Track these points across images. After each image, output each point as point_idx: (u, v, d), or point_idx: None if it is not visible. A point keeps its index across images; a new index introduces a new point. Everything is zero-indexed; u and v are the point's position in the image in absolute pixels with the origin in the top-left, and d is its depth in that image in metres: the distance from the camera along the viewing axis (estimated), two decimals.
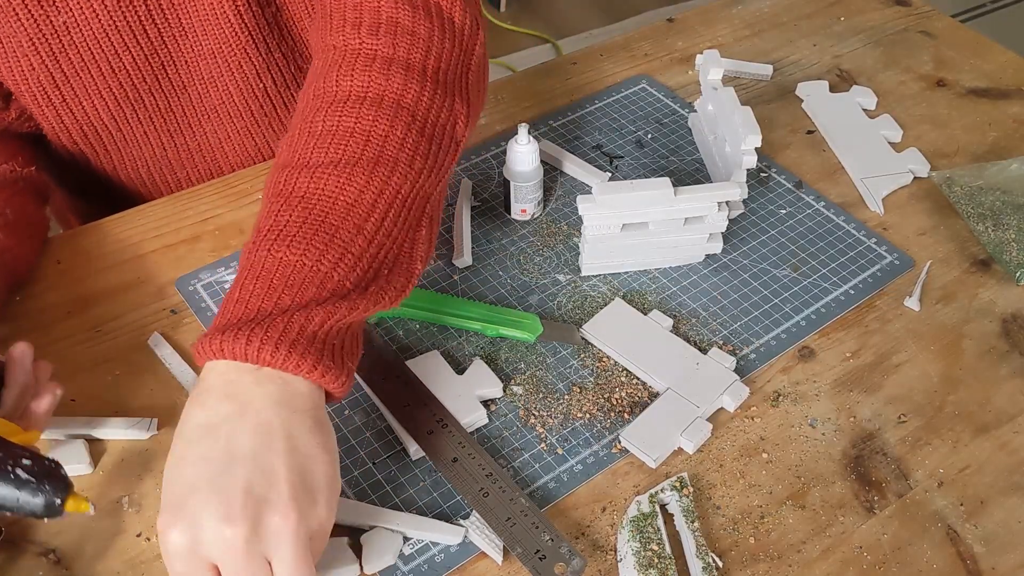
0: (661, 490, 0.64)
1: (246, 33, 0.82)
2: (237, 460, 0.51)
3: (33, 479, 0.54)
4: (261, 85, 0.87)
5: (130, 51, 0.80)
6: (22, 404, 0.61)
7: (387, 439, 0.68)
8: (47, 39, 0.77)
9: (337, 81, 0.65)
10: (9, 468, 0.54)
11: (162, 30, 0.80)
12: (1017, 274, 0.79)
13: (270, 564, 0.51)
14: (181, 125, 0.88)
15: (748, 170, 0.83)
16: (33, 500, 0.53)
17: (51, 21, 0.76)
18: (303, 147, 0.63)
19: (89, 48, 0.78)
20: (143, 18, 0.79)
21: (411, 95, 0.65)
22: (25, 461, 0.54)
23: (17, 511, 0.54)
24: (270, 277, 0.57)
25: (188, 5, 0.80)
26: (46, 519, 0.55)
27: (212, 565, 0.51)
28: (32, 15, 0.75)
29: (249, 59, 0.84)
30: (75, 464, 0.65)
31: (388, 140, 0.63)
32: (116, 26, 0.78)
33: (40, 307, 0.76)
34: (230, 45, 0.83)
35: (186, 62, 0.83)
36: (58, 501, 0.54)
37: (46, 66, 0.78)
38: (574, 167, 0.89)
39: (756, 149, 0.80)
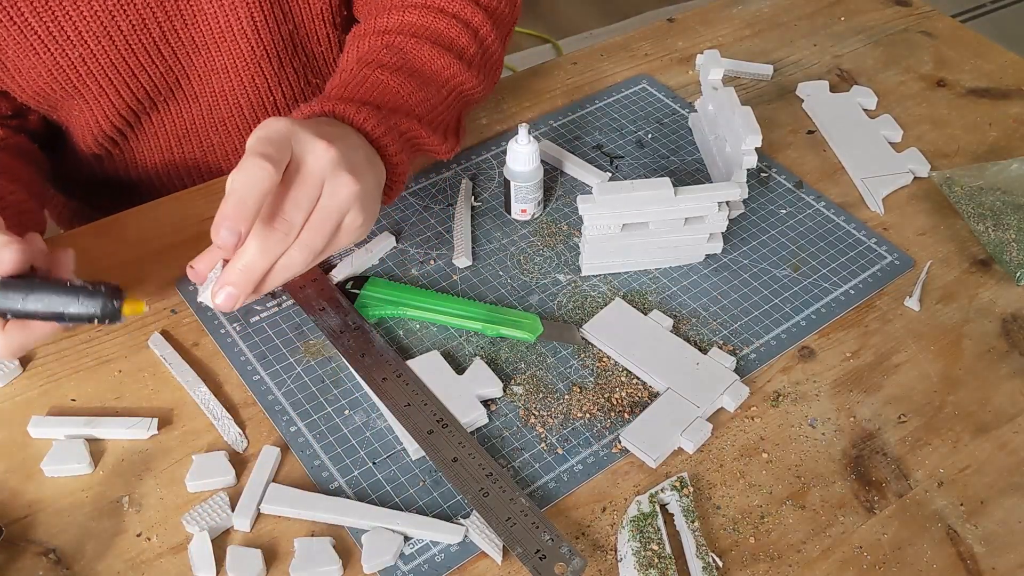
0: (661, 490, 0.64)
1: (261, 48, 0.83)
2: (359, 154, 0.65)
3: (88, 285, 0.59)
4: (272, 99, 0.87)
5: (144, 68, 0.80)
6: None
7: (387, 439, 0.68)
8: (61, 48, 0.76)
9: (424, 10, 0.80)
10: (64, 280, 0.59)
11: (176, 48, 0.81)
12: (1017, 274, 0.79)
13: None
14: (190, 134, 0.88)
15: (748, 170, 0.83)
16: (91, 302, 0.59)
17: (66, 32, 0.76)
18: (396, 24, 0.79)
19: (102, 62, 0.78)
20: (157, 39, 0.79)
21: (484, 28, 0.82)
22: (76, 280, 0.60)
23: (76, 319, 0.59)
24: (373, 87, 0.72)
25: (205, 22, 0.80)
26: (106, 322, 0.59)
27: (290, 153, 0.60)
28: (46, 25, 0.75)
29: (262, 73, 0.85)
30: (75, 464, 0.65)
31: (466, 48, 0.80)
32: (131, 45, 0.78)
33: None
34: (244, 60, 0.83)
35: (199, 76, 0.84)
36: (115, 303, 0.59)
37: (59, 73, 0.78)
38: (574, 167, 0.89)
39: (756, 149, 0.80)
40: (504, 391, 0.70)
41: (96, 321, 0.59)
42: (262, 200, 0.57)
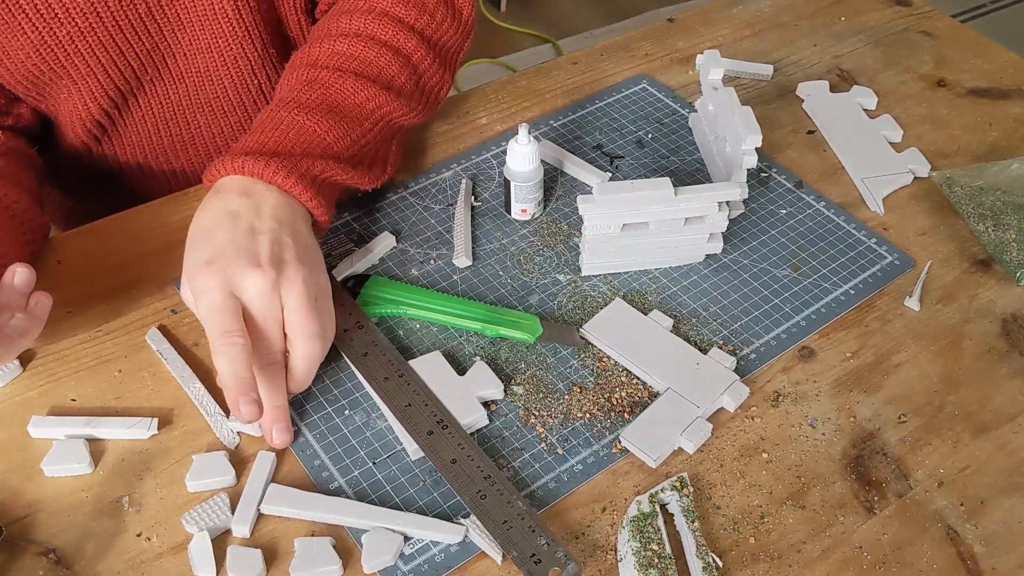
0: (661, 490, 0.64)
1: (243, 28, 0.83)
2: (260, 233, 0.66)
3: None
4: (255, 81, 0.88)
5: (131, 45, 0.80)
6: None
7: (387, 439, 0.68)
8: (49, 25, 0.76)
9: (362, 23, 0.80)
10: None
11: (161, 24, 0.81)
12: (1017, 274, 0.79)
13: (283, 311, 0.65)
14: (177, 115, 0.89)
15: (748, 170, 0.83)
16: None
17: (54, 9, 0.76)
18: (327, 55, 0.79)
19: (89, 39, 0.78)
20: (143, 14, 0.79)
21: (418, 54, 0.82)
22: None
23: None
24: (287, 131, 0.72)
25: (188, 1, 0.80)
26: None
27: (239, 306, 0.63)
28: (34, 2, 0.75)
29: (244, 54, 0.85)
30: (75, 464, 0.65)
31: (395, 77, 0.79)
32: (117, 22, 0.78)
33: None
34: (227, 40, 0.83)
35: (184, 55, 0.84)
36: None
37: (48, 52, 0.78)
38: (574, 167, 0.89)
39: (756, 149, 0.80)
40: (504, 391, 0.70)
41: None
42: (249, 364, 0.62)
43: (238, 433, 0.68)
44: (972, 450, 0.68)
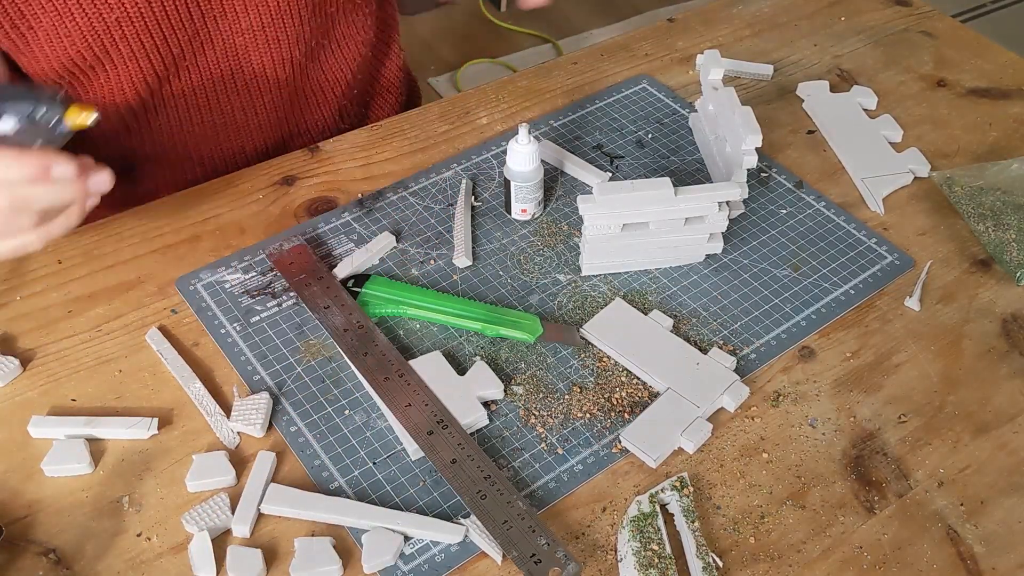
0: (661, 490, 0.64)
1: (287, 7, 0.83)
2: None
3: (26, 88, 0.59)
4: (291, 55, 0.88)
5: (175, 31, 0.80)
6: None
7: (387, 439, 0.68)
8: (99, 11, 0.76)
9: None
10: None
11: (204, 10, 0.81)
12: (1017, 274, 0.79)
13: None
14: (210, 98, 0.88)
15: (748, 170, 0.83)
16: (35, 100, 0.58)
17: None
18: None
19: (136, 25, 0.78)
20: (188, 1, 0.79)
21: None
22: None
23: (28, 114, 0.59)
24: None
25: None
26: (48, 123, 0.60)
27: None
28: (80, 2, 0.75)
29: (285, 31, 0.85)
30: (75, 464, 0.65)
31: None
32: (165, 8, 0.78)
33: (41, 307, 0.76)
34: (271, 18, 0.84)
35: (223, 38, 0.84)
36: (57, 102, 0.59)
37: (94, 38, 0.77)
38: (574, 167, 0.89)
39: (756, 149, 0.80)
40: (504, 391, 0.70)
41: (39, 119, 0.59)
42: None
43: (238, 433, 0.68)
44: (972, 450, 0.68)
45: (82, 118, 0.60)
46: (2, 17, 0.73)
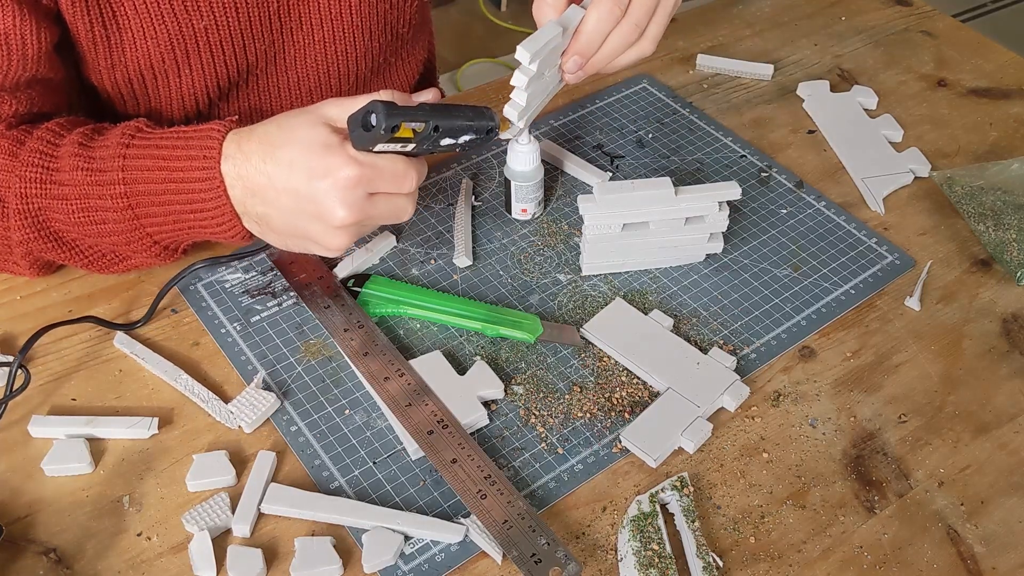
0: (661, 490, 0.64)
1: (359, 19, 0.84)
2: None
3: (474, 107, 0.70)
4: (356, 69, 0.88)
5: (255, 41, 0.80)
6: None
7: (387, 439, 0.68)
8: (190, 16, 0.76)
9: None
10: (456, 105, 0.69)
11: (284, 21, 0.81)
12: (1017, 274, 0.79)
13: None
14: (273, 109, 0.87)
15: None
16: (486, 119, 0.70)
17: (197, 2, 0.76)
18: None
19: (221, 33, 0.78)
20: (272, 12, 0.80)
21: None
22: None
23: (477, 131, 0.69)
24: None
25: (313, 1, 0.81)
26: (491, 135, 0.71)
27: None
28: (172, 7, 0.75)
29: (354, 44, 0.86)
30: (75, 463, 0.65)
31: None
32: (250, 17, 0.79)
33: (41, 307, 0.76)
34: (343, 32, 0.84)
35: (295, 50, 0.84)
36: (495, 120, 0.71)
37: (178, 43, 0.77)
38: (575, 167, 0.89)
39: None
40: (505, 391, 0.70)
41: (486, 135, 0.70)
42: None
43: (239, 426, 0.68)
44: (972, 450, 0.68)
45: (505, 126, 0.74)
46: (94, 14, 0.74)
